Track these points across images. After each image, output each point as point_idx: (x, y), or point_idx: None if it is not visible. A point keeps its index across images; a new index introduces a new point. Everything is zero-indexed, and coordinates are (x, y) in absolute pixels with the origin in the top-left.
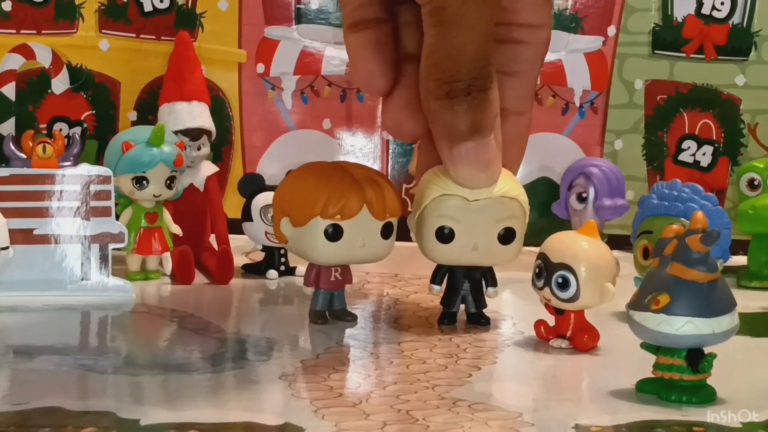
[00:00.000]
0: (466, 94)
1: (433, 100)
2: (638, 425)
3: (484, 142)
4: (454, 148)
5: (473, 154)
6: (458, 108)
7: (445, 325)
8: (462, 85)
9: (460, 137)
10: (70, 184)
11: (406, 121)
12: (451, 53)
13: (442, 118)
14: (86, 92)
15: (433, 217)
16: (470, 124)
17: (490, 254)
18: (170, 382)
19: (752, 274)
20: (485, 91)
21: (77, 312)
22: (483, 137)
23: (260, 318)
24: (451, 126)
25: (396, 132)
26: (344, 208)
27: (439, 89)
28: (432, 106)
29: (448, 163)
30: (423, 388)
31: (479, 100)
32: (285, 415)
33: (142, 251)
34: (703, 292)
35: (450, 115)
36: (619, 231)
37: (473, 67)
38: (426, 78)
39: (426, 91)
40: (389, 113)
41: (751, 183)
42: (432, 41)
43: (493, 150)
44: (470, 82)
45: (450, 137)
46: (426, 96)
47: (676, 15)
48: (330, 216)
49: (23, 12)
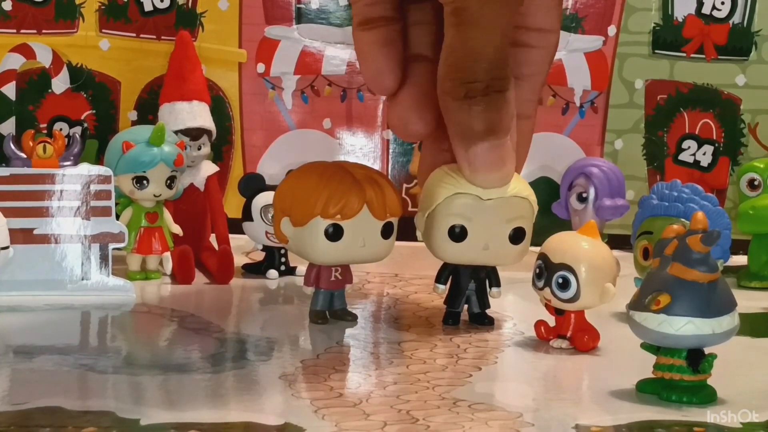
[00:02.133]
0: (483, 95)
1: (451, 100)
2: (639, 425)
3: (501, 143)
4: (470, 149)
5: (489, 154)
6: (475, 108)
7: (450, 324)
8: (480, 86)
9: (476, 137)
10: (71, 183)
11: (412, 120)
12: (470, 54)
13: (459, 118)
14: (86, 92)
15: (445, 215)
16: (487, 125)
17: (500, 254)
18: (170, 382)
19: (752, 275)
20: (503, 92)
21: (77, 312)
22: (499, 138)
23: (260, 318)
24: (467, 126)
25: (402, 131)
26: (345, 208)
27: (457, 90)
28: (449, 106)
29: (464, 163)
30: (423, 388)
31: (496, 100)
32: (285, 415)
33: (142, 251)
34: (704, 293)
35: (467, 116)
36: (619, 231)
37: (491, 68)
38: (444, 78)
39: (443, 91)
40: (396, 112)
41: (751, 183)
42: (451, 41)
43: (508, 151)
44: (488, 83)
45: (466, 137)
46: (443, 96)
47: (676, 15)
48: (330, 216)
49: (23, 12)
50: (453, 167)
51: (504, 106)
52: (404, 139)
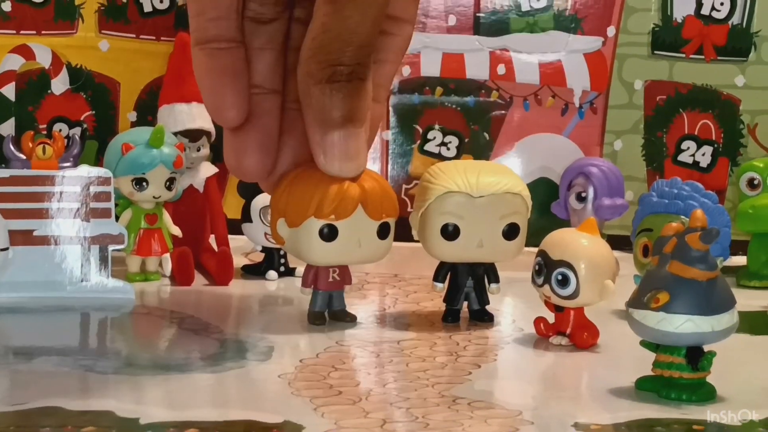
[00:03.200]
0: (347, 81)
1: (313, 83)
2: (638, 423)
3: (357, 132)
4: (326, 135)
5: (345, 142)
6: (336, 94)
7: (450, 322)
8: (345, 70)
9: (333, 125)
10: (70, 185)
11: (251, 161)
12: (342, 34)
13: (319, 104)
14: (86, 93)
15: (437, 214)
16: (346, 112)
17: (495, 250)
18: (170, 381)
19: (752, 274)
20: (364, 80)
21: (77, 313)
22: (356, 127)
23: (260, 319)
24: (326, 112)
25: (236, 170)
26: (338, 208)
27: (321, 72)
28: (310, 91)
29: (318, 150)
30: (423, 386)
31: (358, 89)
32: (284, 413)
33: (141, 252)
34: (703, 290)
35: (327, 101)
36: (618, 231)
37: (359, 54)
38: (308, 60)
39: (306, 73)
40: (234, 148)
41: (750, 182)
42: (324, 20)
43: (363, 142)
44: (353, 68)
45: (324, 124)
46: (305, 79)
47: (675, 15)
48: (324, 216)
49: (23, 12)
50: (443, 165)
51: (364, 96)
52: (237, 177)
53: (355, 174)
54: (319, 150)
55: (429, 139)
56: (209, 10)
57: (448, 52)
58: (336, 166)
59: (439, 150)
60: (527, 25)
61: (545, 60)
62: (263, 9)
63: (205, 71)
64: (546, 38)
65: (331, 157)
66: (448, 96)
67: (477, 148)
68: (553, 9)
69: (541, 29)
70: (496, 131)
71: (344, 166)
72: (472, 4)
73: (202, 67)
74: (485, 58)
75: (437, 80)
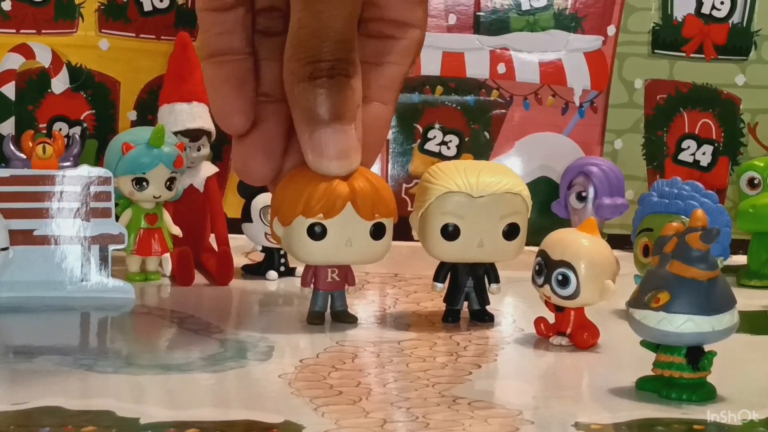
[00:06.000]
0: (329, 77)
1: (296, 82)
2: (638, 423)
3: (345, 129)
4: (314, 133)
5: (333, 140)
6: (320, 91)
7: (450, 322)
8: (326, 65)
9: (320, 122)
10: (70, 185)
11: (257, 165)
12: (316, 30)
13: (304, 102)
14: (86, 92)
15: (437, 214)
16: (331, 109)
17: (495, 251)
18: (170, 381)
19: (752, 273)
20: (348, 77)
21: (77, 313)
22: (343, 124)
23: (260, 319)
24: (312, 110)
25: (244, 174)
26: (326, 206)
27: (302, 69)
28: (295, 90)
29: (307, 148)
30: (423, 386)
31: (341, 85)
32: (284, 413)
33: (141, 252)
34: (703, 290)
35: (312, 98)
36: (618, 230)
37: (337, 48)
38: (290, 59)
39: (289, 72)
40: (241, 154)
41: (751, 182)
42: (299, 16)
43: (353, 139)
44: (333, 63)
45: (311, 122)
46: (289, 78)
47: (675, 14)
48: (312, 214)
49: (23, 12)
50: (443, 165)
51: (349, 93)
52: (245, 181)
53: (345, 172)
54: (308, 148)
55: (429, 138)
56: (215, 26)
57: (448, 51)
58: (324, 164)
59: (440, 149)
60: (527, 24)
61: (545, 59)
62: (271, 23)
63: (212, 81)
64: (546, 37)
65: (319, 155)
66: (449, 95)
67: (477, 147)
68: (554, 8)
69: (541, 28)
70: (497, 130)
71: (333, 164)
72: (473, 3)
73: (210, 77)
74: (485, 57)
75: (437, 79)
